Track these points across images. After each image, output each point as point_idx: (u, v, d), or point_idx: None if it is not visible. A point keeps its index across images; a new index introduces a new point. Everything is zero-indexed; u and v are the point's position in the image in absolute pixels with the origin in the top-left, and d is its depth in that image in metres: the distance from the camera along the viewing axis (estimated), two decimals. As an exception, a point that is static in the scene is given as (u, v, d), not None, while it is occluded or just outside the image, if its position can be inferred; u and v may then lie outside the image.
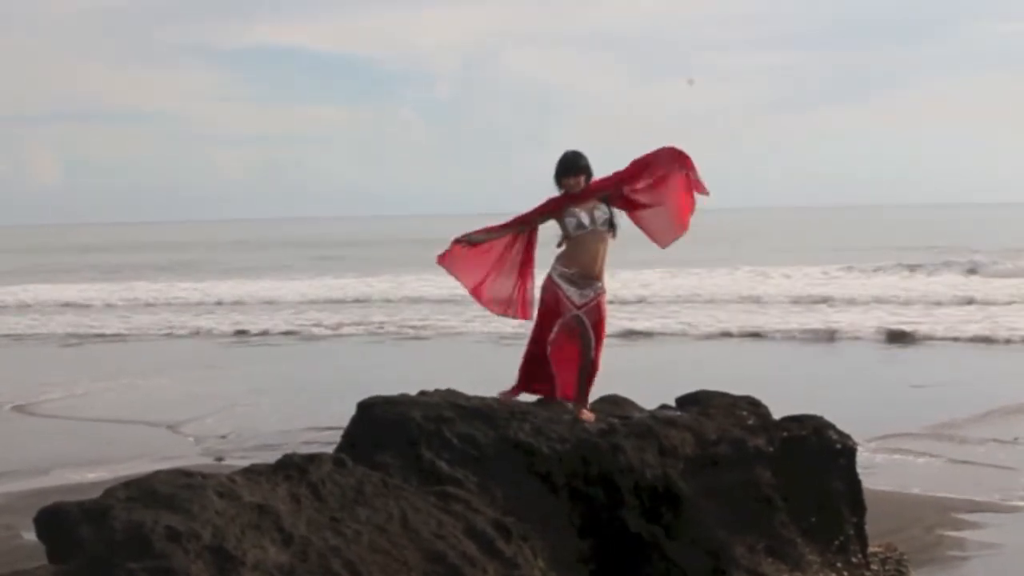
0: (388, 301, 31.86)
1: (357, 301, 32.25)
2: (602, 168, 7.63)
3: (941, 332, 21.52)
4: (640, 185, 7.54)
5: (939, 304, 26.30)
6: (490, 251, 7.71)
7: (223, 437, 13.11)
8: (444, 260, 7.70)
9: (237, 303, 32.76)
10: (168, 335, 25.67)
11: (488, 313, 8.00)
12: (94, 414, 14.94)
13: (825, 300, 27.94)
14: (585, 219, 7.44)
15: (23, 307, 33.71)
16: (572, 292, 7.50)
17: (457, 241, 7.67)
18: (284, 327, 25.84)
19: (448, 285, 32.12)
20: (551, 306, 7.52)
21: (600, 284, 7.58)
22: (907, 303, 26.90)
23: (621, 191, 7.53)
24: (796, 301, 28.03)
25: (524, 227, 7.67)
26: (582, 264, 7.50)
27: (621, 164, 7.64)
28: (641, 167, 7.55)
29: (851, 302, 27.36)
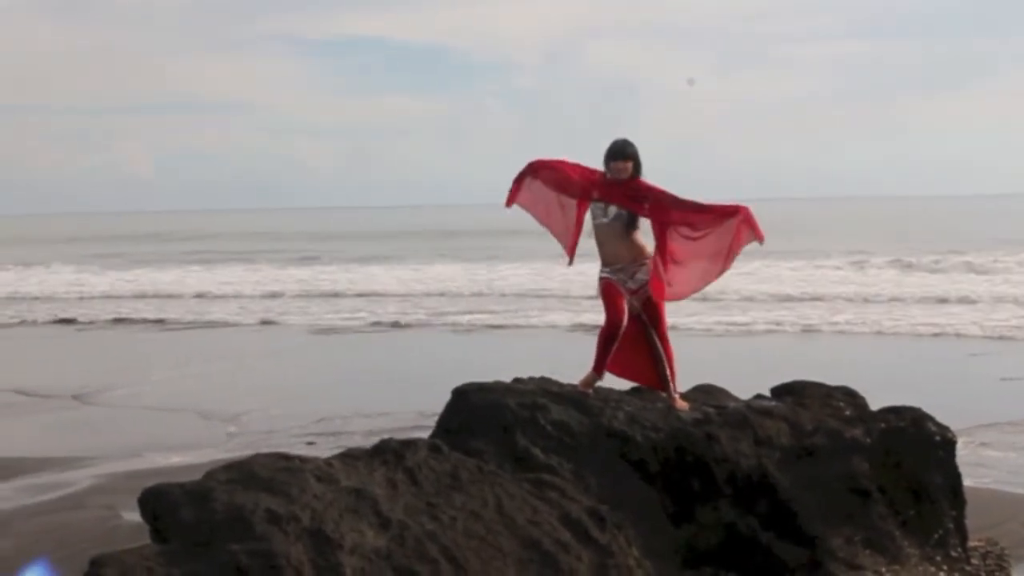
0: (459, 294, 31.76)
1: (425, 294, 32.18)
2: (675, 167, 7.62)
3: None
4: (684, 233, 7.52)
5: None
6: (556, 199, 7.89)
7: (319, 421, 13.25)
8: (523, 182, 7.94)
9: (320, 295, 32.84)
10: (265, 322, 25.98)
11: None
12: (179, 401, 15.14)
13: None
14: (600, 211, 7.64)
15: (111, 296, 34.32)
16: (619, 279, 7.64)
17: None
18: (376, 317, 26.00)
19: (534, 275, 32.18)
20: (610, 291, 7.63)
21: (647, 267, 7.60)
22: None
23: (664, 228, 7.53)
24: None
25: (580, 192, 7.76)
26: (607, 257, 7.68)
27: (698, 153, 7.60)
28: (696, 220, 7.50)
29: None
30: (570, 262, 7.97)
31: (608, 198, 7.60)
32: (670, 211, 7.49)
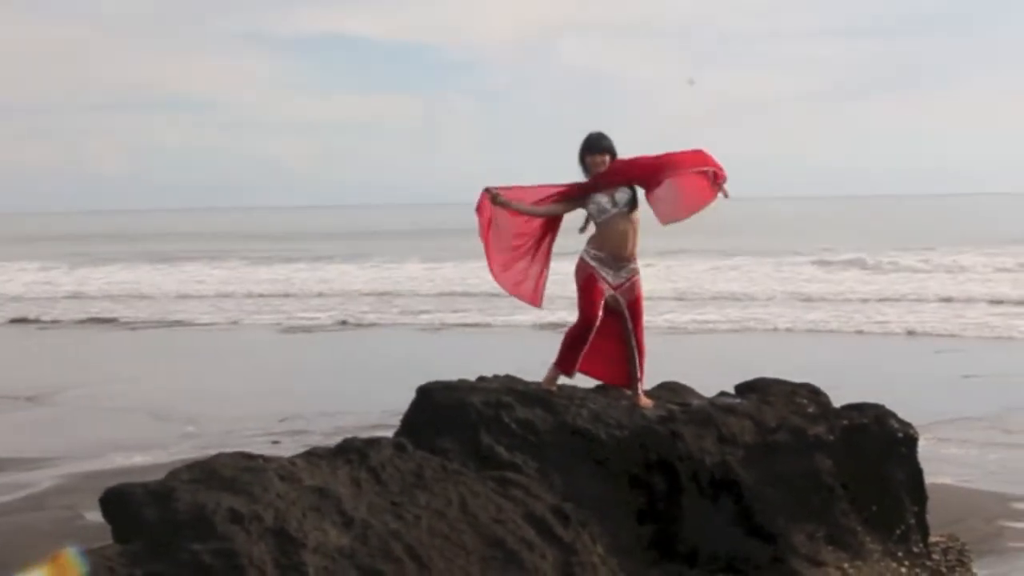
0: (417, 293, 31.58)
1: (386, 293, 32.00)
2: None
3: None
4: (661, 178, 7.52)
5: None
6: (522, 234, 7.76)
7: (284, 420, 13.20)
8: (482, 214, 7.63)
9: (286, 295, 32.52)
10: (233, 322, 25.80)
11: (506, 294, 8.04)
12: (143, 401, 14.99)
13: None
14: (607, 203, 7.51)
15: (77, 295, 33.99)
16: (606, 272, 7.54)
17: (487, 190, 7.62)
18: (344, 316, 25.85)
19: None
20: (588, 285, 7.54)
21: (633, 266, 7.61)
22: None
23: (645, 182, 7.54)
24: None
25: (553, 211, 7.68)
26: (611, 247, 7.54)
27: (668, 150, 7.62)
28: (666, 166, 7.51)
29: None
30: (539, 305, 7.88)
31: (611, 183, 7.49)
32: (653, 178, 7.49)
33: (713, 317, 23.57)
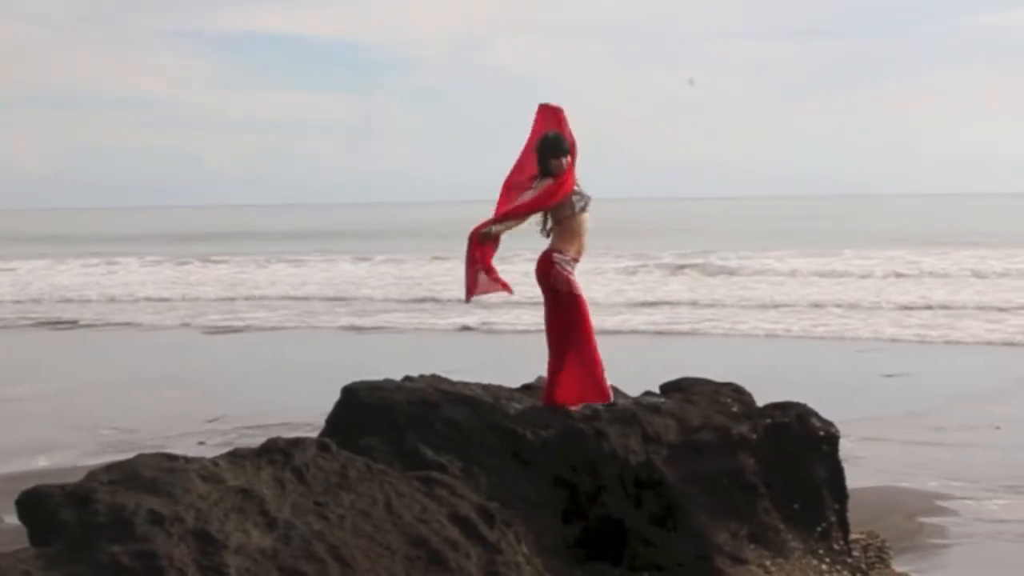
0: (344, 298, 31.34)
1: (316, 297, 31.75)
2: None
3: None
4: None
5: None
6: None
7: (213, 421, 13.07)
8: (476, 292, 7.45)
9: (225, 299, 32.09)
10: (167, 323, 25.46)
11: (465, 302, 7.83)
12: (65, 403, 14.76)
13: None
14: (582, 202, 7.39)
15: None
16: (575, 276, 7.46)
17: (479, 241, 7.38)
18: (276, 317, 25.63)
19: (431, 275, 31.83)
20: (579, 296, 7.44)
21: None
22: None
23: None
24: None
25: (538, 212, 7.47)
26: (582, 244, 7.47)
27: (606, 150, 7.60)
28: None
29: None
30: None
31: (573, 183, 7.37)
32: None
33: (639, 319, 23.61)
